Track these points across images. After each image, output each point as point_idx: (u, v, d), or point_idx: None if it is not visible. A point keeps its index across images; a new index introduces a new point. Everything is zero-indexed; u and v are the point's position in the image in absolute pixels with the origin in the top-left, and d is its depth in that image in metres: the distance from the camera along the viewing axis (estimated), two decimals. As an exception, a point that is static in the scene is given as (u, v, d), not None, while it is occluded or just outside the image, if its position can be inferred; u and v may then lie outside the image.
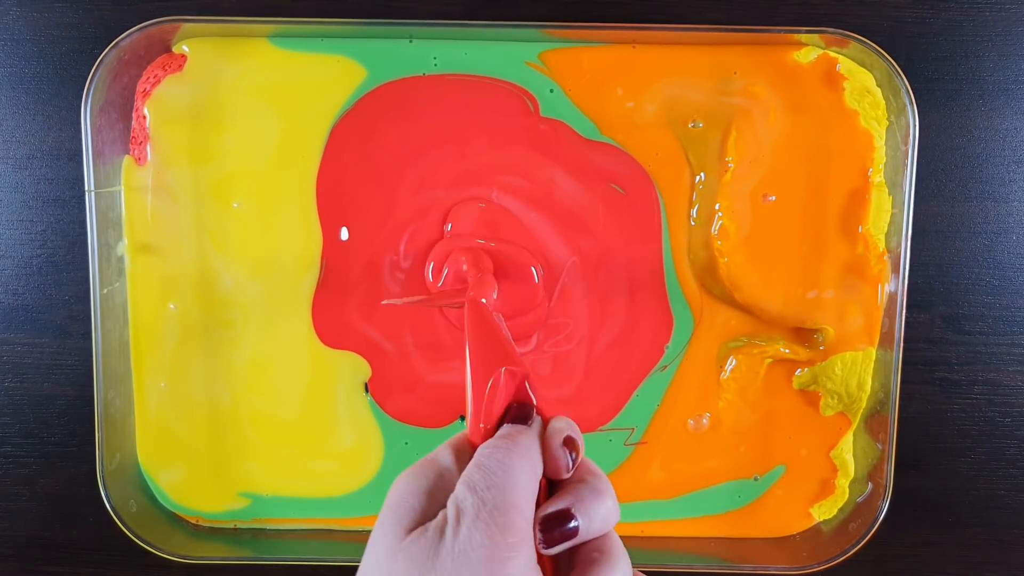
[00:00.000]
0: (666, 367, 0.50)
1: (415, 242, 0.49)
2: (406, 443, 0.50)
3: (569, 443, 0.33)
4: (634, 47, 0.47)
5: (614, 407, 0.50)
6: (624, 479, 0.50)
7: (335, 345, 0.49)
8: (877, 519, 0.47)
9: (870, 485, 0.49)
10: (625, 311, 0.49)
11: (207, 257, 0.48)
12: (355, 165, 0.48)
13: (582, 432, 0.50)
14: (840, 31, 0.45)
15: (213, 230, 0.48)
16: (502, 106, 0.48)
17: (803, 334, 0.49)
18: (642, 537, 0.50)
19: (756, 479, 0.50)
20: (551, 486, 0.33)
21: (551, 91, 0.48)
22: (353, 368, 0.49)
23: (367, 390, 0.50)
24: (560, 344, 0.50)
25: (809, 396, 0.49)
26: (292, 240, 0.49)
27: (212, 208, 0.48)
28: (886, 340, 0.48)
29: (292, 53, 0.47)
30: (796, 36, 0.46)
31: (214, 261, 0.48)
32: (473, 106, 0.48)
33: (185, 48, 0.47)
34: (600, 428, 0.50)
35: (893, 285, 0.47)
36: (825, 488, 0.50)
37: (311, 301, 0.49)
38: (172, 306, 0.49)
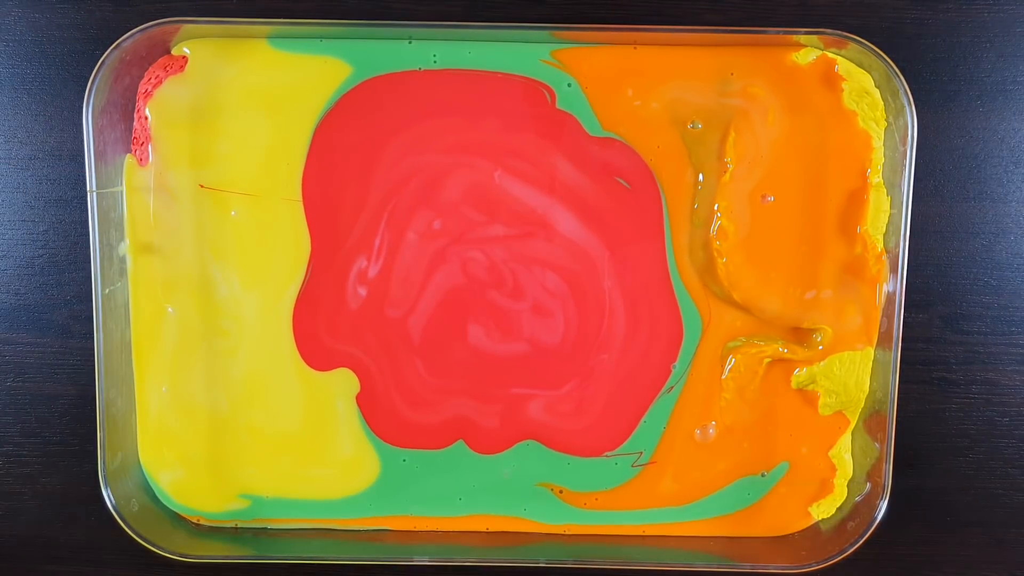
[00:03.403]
0: (672, 388, 0.50)
1: (395, 220, 0.48)
2: (404, 460, 0.50)
3: None
4: (635, 48, 0.47)
5: (622, 434, 0.50)
6: (633, 493, 0.50)
7: (318, 367, 0.49)
8: (875, 518, 0.47)
9: (868, 484, 0.49)
10: (640, 319, 0.49)
11: (205, 263, 0.48)
12: (339, 164, 0.48)
13: (586, 456, 0.49)
14: (838, 32, 0.45)
15: (211, 236, 0.48)
16: (518, 95, 0.47)
17: (801, 334, 0.49)
18: (643, 536, 0.51)
19: (763, 475, 0.50)
20: None
21: (568, 85, 0.47)
22: (346, 382, 0.49)
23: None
24: (589, 389, 0.50)
25: (807, 395, 0.49)
26: (283, 251, 0.48)
27: (211, 213, 0.48)
28: (884, 340, 0.48)
29: (290, 55, 0.47)
30: (794, 37, 0.46)
31: (211, 267, 0.48)
32: (483, 93, 0.47)
33: (186, 50, 0.47)
34: (606, 454, 0.50)
35: (891, 285, 0.47)
36: (824, 487, 0.50)
37: (291, 321, 0.49)
38: (170, 309, 0.49)
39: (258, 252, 0.48)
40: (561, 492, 0.50)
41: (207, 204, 0.48)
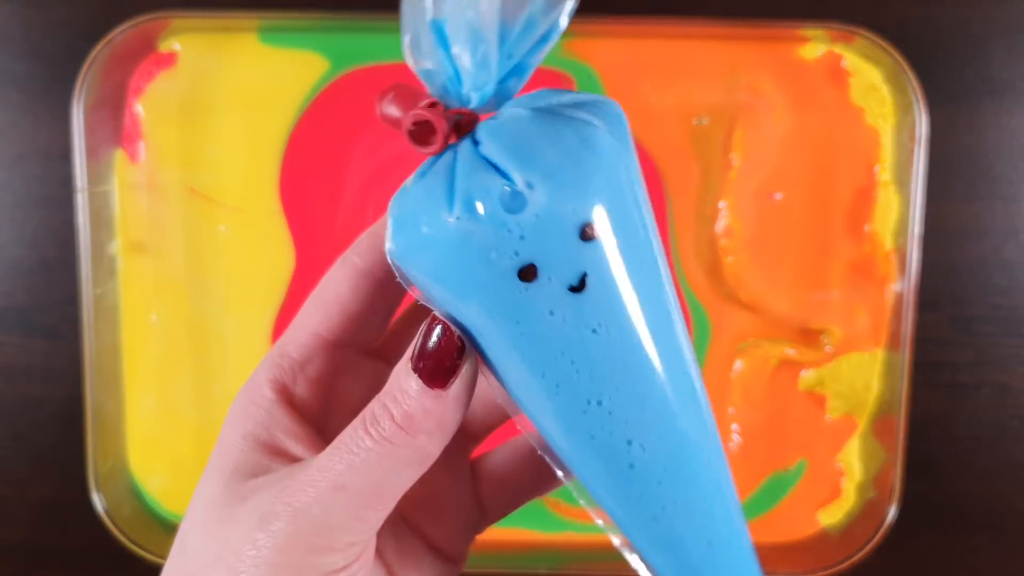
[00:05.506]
0: None
1: (382, 212, 0.47)
2: None
3: None
4: (644, 40, 0.47)
5: None
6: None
7: None
8: (884, 524, 0.47)
9: (876, 489, 0.48)
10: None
11: (193, 274, 0.47)
12: (313, 163, 0.47)
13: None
14: (847, 26, 0.44)
15: (201, 247, 0.47)
16: (533, 84, 0.47)
17: (809, 335, 0.48)
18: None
19: (788, 469, 0.49)
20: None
21: (588, 76, 0.47)
22: None
23: None
24: None
25: (815, 398, 0.49)
26: (268, 270, 0.47)
27: (201, 221, 0.47)
28: (893, 341, 0.47)
29: (277, 50, 0.46)
30: (801, 31, 0.46)
31: (199, 281, 0.48)
32: None
33: (176, 46, 0.46)
34: None
35: (900, 285, 0.47)
36: (832, 492, 0.49)
37: (270, 344, 0.48)
38: (154, 318, 0.48)
39: (244, 273, 0.47)
40: (557, 505, 0.50)
41: (197, 210, 0.47)
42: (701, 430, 0.23)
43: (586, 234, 0.21)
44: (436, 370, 0.22)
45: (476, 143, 0.21)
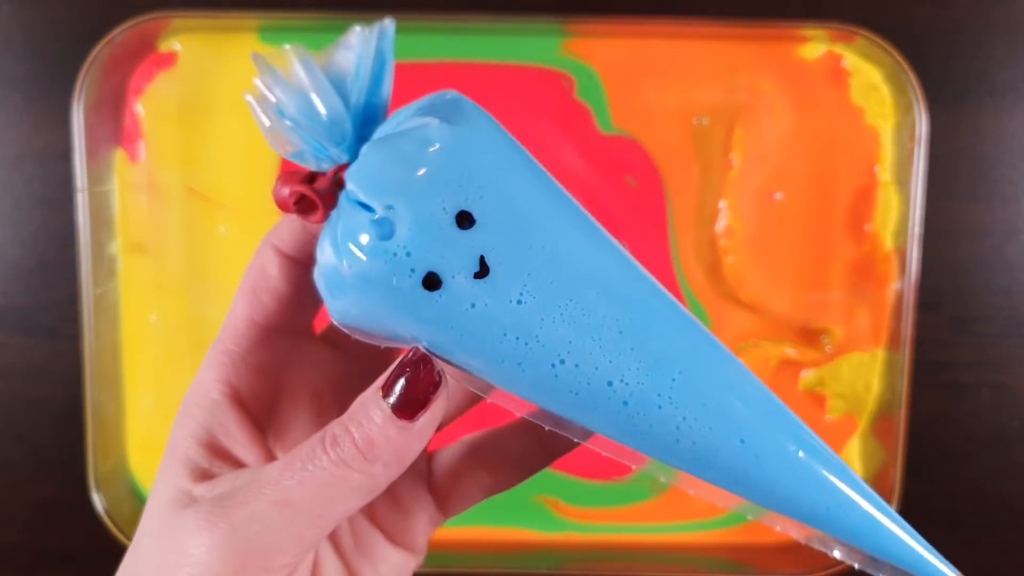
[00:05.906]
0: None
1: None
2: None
3: None
4: (646, 40, 0.47)
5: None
6: (664, 507, 0.49)
7: None
8: (884, 524, 0.47)
9: (876, 489, 0.48)
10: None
11: (193, 275, 0.47)
12: None
13: (590, 479, 0.48)
14: (847, 26, 0.44)
15: (200, 248, 0.47)
16: (531, 83, 0.46)
17: (809, 335, 0.48)
18: (647, 545, 0.50)
19: None
20: None
21: (589, 76, 0.47)
22: None
23: None
24: None
25: (815, 398, 0.49)
26: None
27: (201, 221, 0.47)
28: (893, 341, 0.47)
29: (278, 50, 0.47)
30: (802, 31, 0.46)
31: (198, 283, 0.47)
32: (489, 81, 0.46)
33: (177, 46, 0.46)
34: (615, 479, 0.49)
35: (900, 285, 0.47)
36: (832, 493, 0.49)
37: None
38: (154, 318, 0.48)
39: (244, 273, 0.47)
40: (557, 505, 0.50)
41: (197, 210, 0.47)
42: (679, 340, 0.23)
43: (463, 222, 0.21)
44: (407, 402, 0.22)
45: (348, 193, 0.22)
